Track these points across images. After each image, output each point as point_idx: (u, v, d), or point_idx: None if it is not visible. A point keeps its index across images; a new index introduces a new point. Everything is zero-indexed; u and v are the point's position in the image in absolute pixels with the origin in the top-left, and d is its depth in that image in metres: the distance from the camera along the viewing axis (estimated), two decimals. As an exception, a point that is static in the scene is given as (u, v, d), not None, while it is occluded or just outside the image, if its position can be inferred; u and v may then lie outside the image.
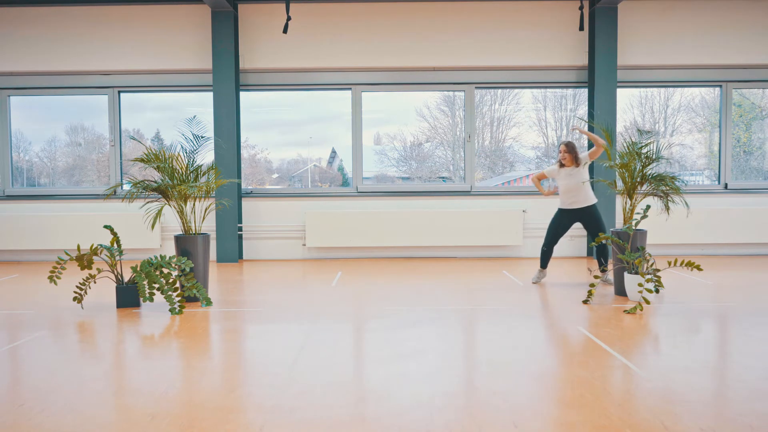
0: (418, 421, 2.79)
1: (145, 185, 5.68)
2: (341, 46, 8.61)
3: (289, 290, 6.30)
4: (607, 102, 8.38)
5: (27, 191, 8.90)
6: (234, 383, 3.36)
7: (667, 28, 8.60)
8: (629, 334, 4.33)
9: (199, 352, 4.00)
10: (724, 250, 8.73)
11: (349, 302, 5.59)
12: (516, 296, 5.80)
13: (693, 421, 2.77)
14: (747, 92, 9.14)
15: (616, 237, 5.63)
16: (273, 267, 7.98)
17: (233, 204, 8.20)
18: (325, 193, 8.86)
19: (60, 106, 9.17)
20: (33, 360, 3.85)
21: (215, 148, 8.27)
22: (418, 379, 3.37)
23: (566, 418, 2.82)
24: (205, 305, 5.40)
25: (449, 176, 9.29)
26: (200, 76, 8.64)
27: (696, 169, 9.39)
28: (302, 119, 9.28)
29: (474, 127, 8.89)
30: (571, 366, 3.61)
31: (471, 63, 8.65)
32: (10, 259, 8.71)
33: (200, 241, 5.67)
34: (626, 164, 5.72)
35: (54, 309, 5.35)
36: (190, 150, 5.81)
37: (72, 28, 8.61)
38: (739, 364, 3.64)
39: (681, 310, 5.10)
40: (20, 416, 2.89)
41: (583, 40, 8.59)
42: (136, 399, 3.11)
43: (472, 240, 8.55)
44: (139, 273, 5.20)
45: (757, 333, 4.33)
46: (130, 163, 8.63)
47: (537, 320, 4.79)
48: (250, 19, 8.60)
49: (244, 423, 2.79)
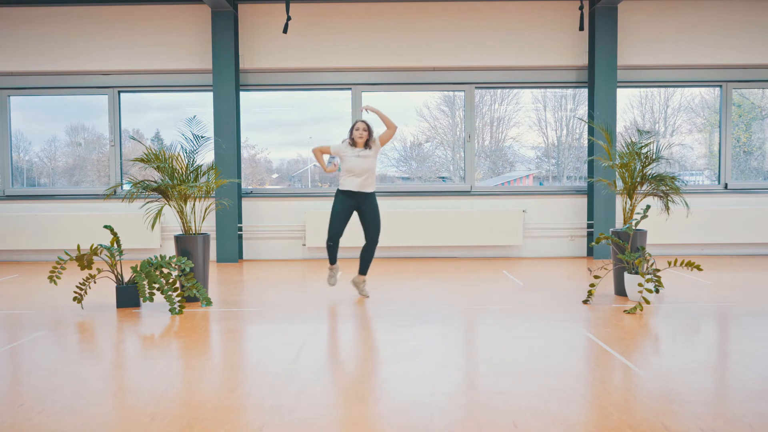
0: (418, 421, 2.79)
1: (145, 185, 5.68)
2: (341, 46, 8.61)
3: (289, 290, 6.30)
4: (607, 102, 8.39)
5: (27, 191, 8.90)
6: (234, 383, 3.36)
7: (667, 28, 8.60)
8: (629, 334, 4.33)
9: (199, 352, 4.00)
10: (724, 250, 8.73)
11: (349, 302, 5.59)
12: (516, 296, 5.80)
13: (693, 421, 2.77)
14: (747, 92, 9.14)
15: (616, 237, 5.63)
16: (273, 267, 7.98)
17: (233, 204, 8.20)
18: (325, 193, 8.86)
19: (60, 106, 9.17)
20: (33, 360, 3.85)
21: (215, 148, 8.27)
22: (418, 379, 3.36)
23: (566, 418, 2.82)
24: (205, 305, 5.40)
25: (449, 176, 9.29)
26: (200, 76, 8.64)
27: (696, 169, 9.40)
28: (302, 119, 9.28)
29: (474, 127, 8.89)
30: (571, 366, 3.61)
31: (471, 63, 8.65)
32: (10, 259, 8.71)
33: (200, 241, 5.67)
34: (626, 164, 5.72)
35: (54, 309, 5.35)
36: (190, 150, 5.81)
37: (72, 28, 8.61)
38: (739, 364, 3.64)
39: (681, 310, 5.10)
40: (20, 416, 2.89)
41: (583, 40, 8.59)
42: (136, 399, 3.11)
43: (472, 240, 8.55)
44: (139, 273, 5.20)
45: (757, 333, 4.33)
46: (130, 163, 8.63)
47: (537, 320, 4.79)
48: (250, 19, 8.60)
49: (244, 423, 2.79)
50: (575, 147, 9.38)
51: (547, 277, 6.97)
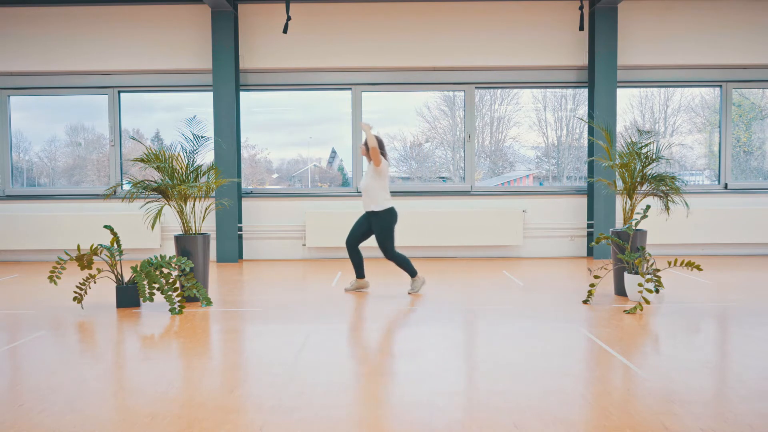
0: (418, 421, 2.79)
1: (145, 185, 5.68)
2: (341, 46, 8.61)
3: (289, 290, 6.30)
4: (607, 102, 8.38)
5: (27, 191, 8.90)
6: (234, 383, 3.36)
7: (667, 28, 8.59)
8: (629, 334, 4.33)
9: (199, 352, 4.00)
10: (724, 250, 8.73)
11: (349, 302, 5.59)
12: (516, 296, 5.80)
13: (693, 421, 2.77)
14: (747, 92, 9.14)
15: (616, 237, 5.63)
16: (273, 267, 7.98)
17: (233, 204, 8.20)
18: (325, 193, 8.86)
19: (60, 106, 9.17)
20: (33, 360, 3.85)
21: (215, 148, 8.27)
22: (418, 379, 3.36)
23: (566, 418, 2.82)
24: (205, 305, 5.40)
25: (449, 176, 9.29)
26: (200, 76, 8.64)
27: (696, 169, 9.40)
28: (302, 119, 9.28)
29: (474, 127, 8.89)
30: (571, 366, 3.61)
31: (471, 63, 8.65)
32: (10, 259, 8.70)
33: (200, 241, 5.67)
34: (626, 164, 5.72)
35: (54, 309, 5.35)
36: (190, 150, 5.81)
37: (72, 28, 8.61)
38: (739, 364, 3.64)
39: (681, 310, 5.10)
40: (20, 416, 2.89)
41: (583, 40, 8.59)
42: (136, 399, 3.11)
43: (472, 240, 8.55)
44: (139, 273, 5.20)
45: (757, 333, 4.33)
46: (130, 163, 8.62)
47: (537, 320, 4.79)
48: (250, 19, 8.60)
49: (244, 423, 2.79)
50: (575, 147, 9.38)
51: (547, 277, 6.97)
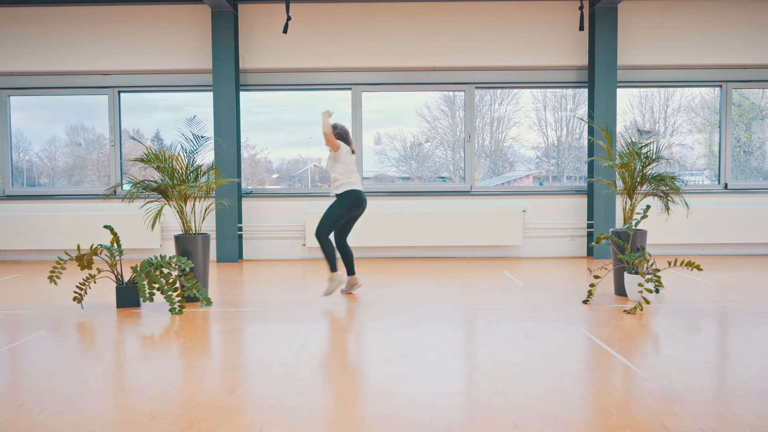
0: (418, 421, 2.79)
1: (145, 185, 5.68)
2: (341, 46, 8.61)
3: (289, 290, 6.30)
4: (607, 102, 8.38)
5: (27, 191, 8.90)
6: (234, 383, 3.36)
7: (667, 28, 8.60)
8: (629, 334, 4.33)
9: (199, 352, 4.00)
10: (724, 250, 8.73)
11: (348, 302, 5.59)
12: (516, 296, 5.80)
13: (693, 421, 2.77)
14: (747, 92, 9.14)
15: (616, 237, 5.63)
16: (273, 267, 7.98)
17: (233, 204, 8.20)
18: (325, 193, 8.85)
19: (60, 106, 9.17)
20: (33, 360, 3.85)
21: (215, 148, 8.27)
22: (418, 379, 3.36)
23: (566, 418, 2.82)
24: (205, 305, 5.40)
25: (449, 176, 9.29)
26: (200, 76, 8.64)
27: (696, 169, 9.39)
28: (302, 119, 9.28)
29: (474, 127, 8.89)
30: (571, 366, 3.61)
31: (471, 63, 8.65)
32: (10, 259, 8.71)
33: (200, 241, 5.67)
34: (626, 164, 5.72)
35: (54, 309, 5.35)
36: (190, 150, 5.81)
37: (72, 28, 8.61)
38: (739, 364, 3.64)
39: (681, 310, 5.10)
40: (20, 416, 2.89)
41: (583, 40, 8.59)
42: (136, 399, 3.11)
43: (472, 240, 8.55)
44: (139, 273, 5.20)
45: (757, 333, 4.33)
46: (130, 163, 8.62)
47: (537, 320, 4.79)
48: (250, 19, 8.60)
49: (244, 423, 2.79)
50: (575, 147, 9.38)
51: (547, 277, 6.97)
